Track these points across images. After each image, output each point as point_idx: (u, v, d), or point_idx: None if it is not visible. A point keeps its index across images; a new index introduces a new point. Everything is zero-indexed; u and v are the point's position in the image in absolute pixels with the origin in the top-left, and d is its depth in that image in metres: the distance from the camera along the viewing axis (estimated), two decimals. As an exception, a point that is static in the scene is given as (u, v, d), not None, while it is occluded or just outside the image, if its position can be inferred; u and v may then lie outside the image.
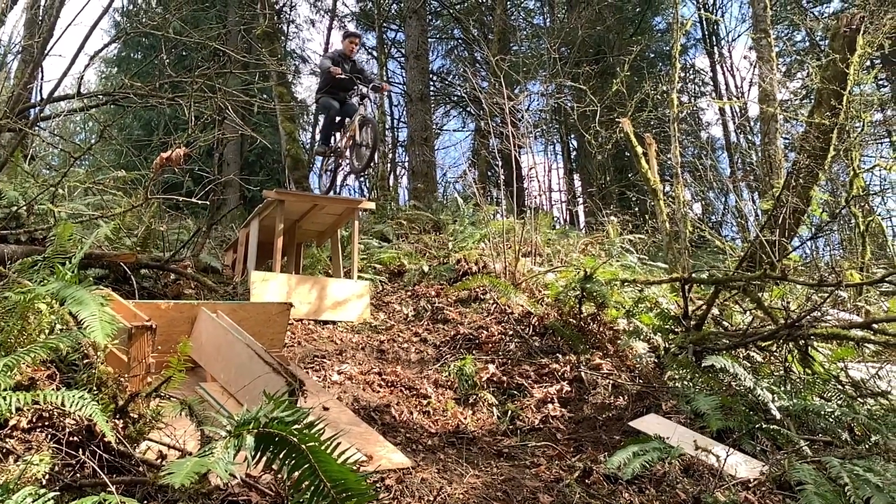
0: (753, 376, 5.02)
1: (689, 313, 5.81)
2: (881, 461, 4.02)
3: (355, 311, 7.05)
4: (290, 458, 1.89)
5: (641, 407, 4.99)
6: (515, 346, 6.16)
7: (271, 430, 1.83)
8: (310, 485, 1.91)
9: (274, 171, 20.82)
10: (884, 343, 4.95)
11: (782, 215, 7.44)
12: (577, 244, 10.08)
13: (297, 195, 7.90)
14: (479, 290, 7.39)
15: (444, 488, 3.55)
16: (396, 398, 5.06)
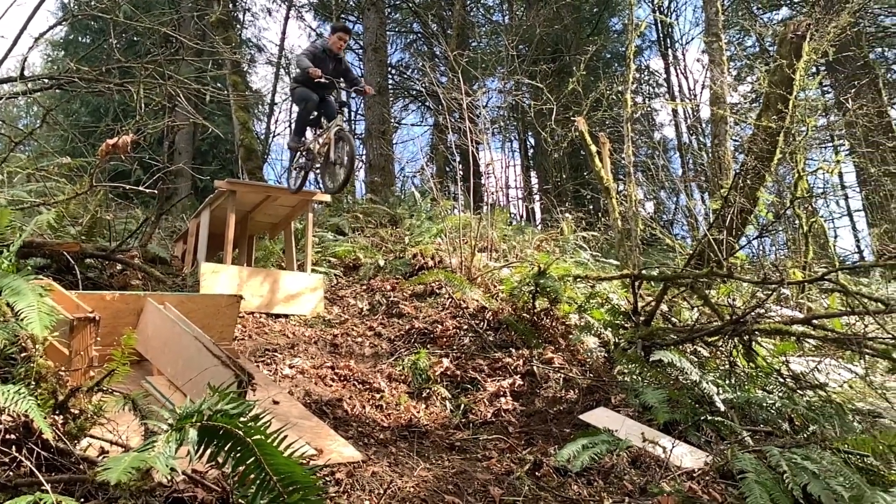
0: (700, 370, 5.16)
1: (639, 309, 5.92)
2: (818, 449, 4.17)
3: (308, 305, 6.97)
4: (235, 451, 1.85)
5: (591, 400, 5.07)
6: (470, 340, 6.19)
7: (215, 423, 1.79)
8: (255, 478, 1.88)
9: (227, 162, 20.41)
10: (822, 338, 5.13)
11: (730, 215, 7.64)
12: (533, 240, 10.17)
13: (249, 185, 7.76)
14: (435, 284, 7.39)
15: (395, 482, 3.54)
16: (349, 392, 5.02)
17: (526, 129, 21.54)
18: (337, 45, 7.21)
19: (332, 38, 7.23)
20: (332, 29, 7.42)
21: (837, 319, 6.01)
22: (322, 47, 7.19)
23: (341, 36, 7.25)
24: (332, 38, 7.24)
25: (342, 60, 7.39)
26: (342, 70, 7.42)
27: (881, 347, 4.83)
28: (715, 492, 3.90)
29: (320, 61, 7.06)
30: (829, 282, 5.13)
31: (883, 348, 4.83)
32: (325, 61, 7.14)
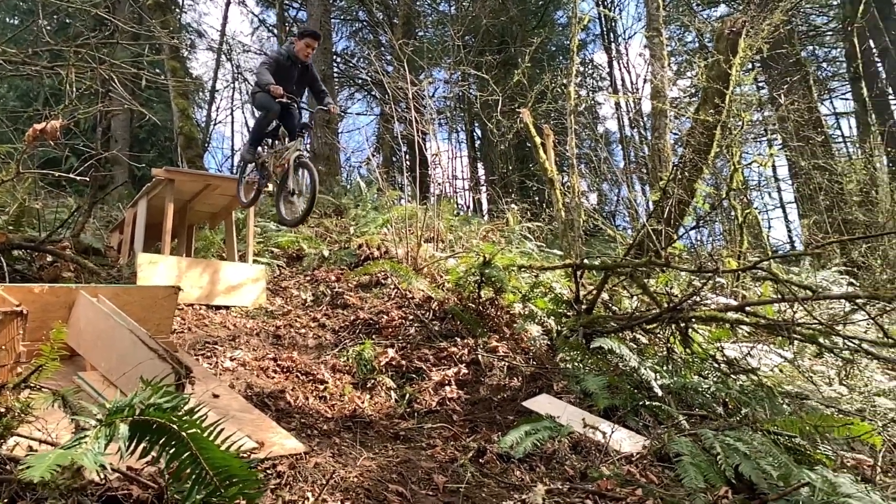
0: (638, 357, 5.30)
1: (581, 298, 6.03)
2: (749, 432, 4.35)
3: (250, 296, 6.84)
4: (170, 446, 1.81)
5: (535, 387, 5.15)
6: (415, 330, 6.19)
7: (148, 417, 1.74)
8: (191, 473, 1.84)
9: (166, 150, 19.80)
10: (755, 324, 5.33)
11: (668, 206, 7.86)
12: (479, 231, 10.23)
13: (188, 174, 7.56)
14: (381, 274, 7.36)
15: (338, 472, 3.52)
16: (292, 384, 4.96)
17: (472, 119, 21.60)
18: (304, 52, 6.30)
19: (299, 45, 6.32)
20: (300, 34, 6.45)
21: (769, 306, 6.25)
22: (287, 54, 6.36)
23: (309, 43, 6.32)
24: (298, 43, 6.33)
25: (309, 68, 6.52)
26: (308, 79, 6.58)
27: (809, 333, 5.05)
28: (652, 474, 4.02)
29: (284, 70, 6.31)
30: (762, 270, 5.33)
31: (810, 333, 5.05)
32: (290, 69, 6.36)
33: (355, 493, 3.37)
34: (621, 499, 3.56)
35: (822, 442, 4.62)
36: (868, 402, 5.43)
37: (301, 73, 6.45)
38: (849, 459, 4.57)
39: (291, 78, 6.36)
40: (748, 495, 3.84)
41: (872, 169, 11.94)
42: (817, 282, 8.39)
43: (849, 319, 5.73)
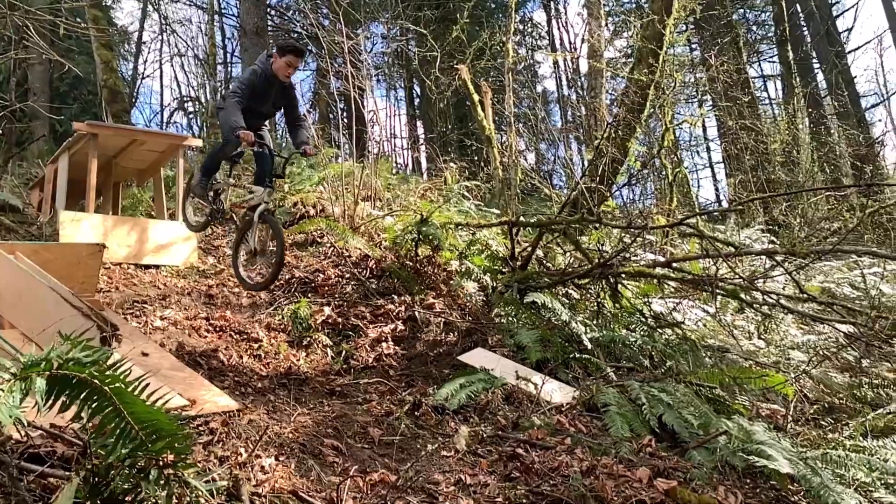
0: (570, 311, 5.45)
1: (516, 255, 6.12)
2: (673, 383, 4.56)
3: (181, 255, 6.66)
4: (91, 400, 1.76)
5: (470, 342, 5.24)
6: (352, 288, 6.17)
7: (66, 371, 1.69)
8: (115, 428, 1.80)
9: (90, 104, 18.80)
10: (680, 279, 5.55)
11: (602, 165, 8.01)
12: (417, 189, 10.19)
13: (111, 128, 7.23)
14: (316, 233, 7.28)
15: (273, 428, 3.52)
16: (225, 343, 4.90)
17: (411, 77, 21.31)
18: (285, 71, 5.21)
19: (279, 62, 5.17)
20: (280, 49, 5.23)
21: (696, 263, 6.50)
22: (263, 72, 5.20)
23: (291, 61, 5.19)
24: (278, 60, 5.17)
25: (288, 89, 5.44)
26: (285, 101, 5.51)
27: (730, 288, 5.29)
28: (581, 424, 4.18)
29: (261, 92, 5.24)
30: (688, 226, 5.53)
31: (732, 289, 5.29)
32: (267, 90, 5.28)
33: (290, 448, 3.38)
34: (551, 447, 3.69)
35: (740, 393, 4.90)
36: (783, 355, 5.76)
37: (278, 94, 5.39)
38: (764, 409, 4.86)
39: (267, 99, 5.32)
40: (670, 443, 4.05)
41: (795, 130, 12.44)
42: (741, 239, 8.75)
43: (768, 276, 6.02)
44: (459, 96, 15.30)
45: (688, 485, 3.41)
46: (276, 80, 5.24)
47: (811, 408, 4.99)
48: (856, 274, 8.08)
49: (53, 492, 2.14)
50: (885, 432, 4.42)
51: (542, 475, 3.37)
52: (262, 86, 5.21)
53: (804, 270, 8.16)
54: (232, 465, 2.92)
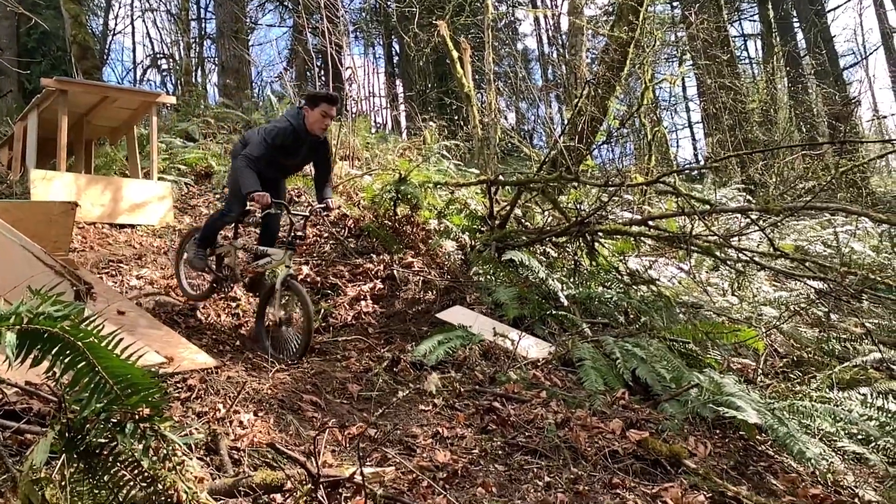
0: (548, 269, 5.50)
1: (495, 213, 6.13)
2: (647, 338, 4.64)
3: (156, 215, 6.58)
4: (64, 355, 1.76)
5: (448, 300, 5.27)
6: (330, 247, 6.16)
7: (37, 325, 1.68)
8: (88, 382, 1.80)
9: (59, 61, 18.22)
10: (656, 237, 5.60)
11: (581, 124, 7.99)
12: (396, 148, 10.11)
13: (81, 85, 7.03)
14: (294, 192, 7.21)
15: (251, 384, 3.55)
16: (203, 302, 4.88)
17: (390, 33, 20.94)
18: (320, 124, 4.41)
19: (314, 114, 4.37)
20: (310, 100, 4.43)
21: (672, 221, 6.57)
22: (295, 130, 4.39)
23: (326, 111, 4.38)
24: (312, 113, 4.38)
25: (324, 145, 4.69)
26: (318, 158, 4.74)
27: (705, 245, 5.36)
28: (556, 378, 4.26)
29: (290, 148, 4.46)
30: (664, 184, 5.56)
31: (706, 246, 5.35)
32: (298, 148, 4.49)
33: (269, 404, 3.42)
34: (527, 401, 3.76)
35: (712, 348, 5.00)
36: (755, 311, 5.87)
37: (311, 149, 4.57)
38: (735, 363, 4.98)
39: (297, 154, 4.55)
40: (643, 396, 4.14)
41: (773, 89, 12.47)
42: (717, 198, 8.84)
43: (743, 234, 6.10)
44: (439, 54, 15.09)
45: (659, 435, 3.50)
46: (308, 136, 4.43)
47: (781, 361, 5.12)
48: (829, 232, 8.22)
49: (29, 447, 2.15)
50: (851, 384, 4.57)
51: (517, 427, 3.44)
52: (292, 142, 4.42)
53: (778, 229, 8.29)
54: (210, 420, 2.95)
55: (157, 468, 1.91)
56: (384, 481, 2.56)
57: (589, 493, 2.98)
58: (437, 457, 3.13)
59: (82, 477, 1.88)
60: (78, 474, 1.88)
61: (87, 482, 1.88)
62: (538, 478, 3.07)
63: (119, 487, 1.88)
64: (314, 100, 4.40)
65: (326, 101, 4.39)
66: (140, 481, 1.90)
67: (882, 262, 7.24)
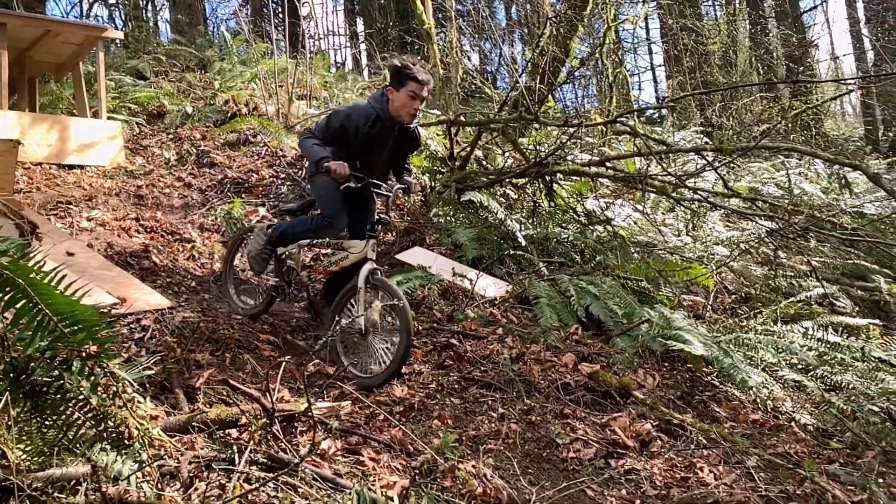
0: (507, 210, 5.53)
1: (455, 154, 6.09)
2: (601, 276, 4.74)
3: (107, 155, 6.38)
4: (4, 291, 1.72)
5: (408, 241, 5.28)
6: (287, 188, 6.08)
7: (-28, 262, 1.63)
8: (31, 320, 1.77)
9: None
10: (612, 177, 5.65)
11: (543, 64, 7.90)
12: (356, 88, 9.90)
13: (21, 17, 6.66)
14: (250, 132, 7.04)
15: (208, 325, 3.54)
16: (157, 243, 4.80)
17: (349, -31, 20.21)
18: (409, 109, 3.56)
19: (400, 97, 3.52)
20: (398, 77, 3.53)
21: (630, 162, 6.62)
22: (379, 117, 3.56)
23: (415, 91, 3.52)
24: (398, 96, 3.53)
25: (414, 133, 3.81)
26: (407, 150, 3.94)
27: (660, 185, 5.43)
28: (513, 315, 4.34)
29: (375, 140, 3.62)
30: (622, 124, 5.58)
31: (661, 185, 5.43)
32: (383, 140, 3.66)
33: (225, 344, 3.42)
34: (483, 337, 3.84)
35: (664, 285, 5.13)
36: (707, 250, 6.01)
37: (401, 141, 3.75)
38: (686, 300, 5.12)
39: (382, 149, 3.70)
40: (596, 331, 4.26)
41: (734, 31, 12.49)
42: (676, 140, 8.92)
43: (698, 174, 6.19)
44: (400, -10, 14.67)
45: (610, 368, 3.62)
46: (395, 125, 3.61)
47: (730, 298, 5.29)
48: (782, 174, 8.40)
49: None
50: (795, 319, 4.76)
51: (473, 362, 3.52)
52: (373, 132, 3.57)
53: (734, 171, 8.44)
54: (165, 359, 2.94)
55: (107, 406, 1.91)
56: (340, 415, 2.61)
57: (541, 423, 3.08)
58: (395, 392, 3.19)
59: (29, 416, 1.86)
60: (25, 414, 1.86)
61: (34, 422, 1.86)
62: (493, 409, 3.17)
63: (68, 426, 1.87)
64: (400, 78, 3.50)
65: (416, 79, 3.49)
66: (90, 419, 1.90)
67: (830, 202, 7.45)
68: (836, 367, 3.86)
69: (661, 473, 2.84)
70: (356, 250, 3.62)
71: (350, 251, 3.65)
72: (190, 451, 2.10)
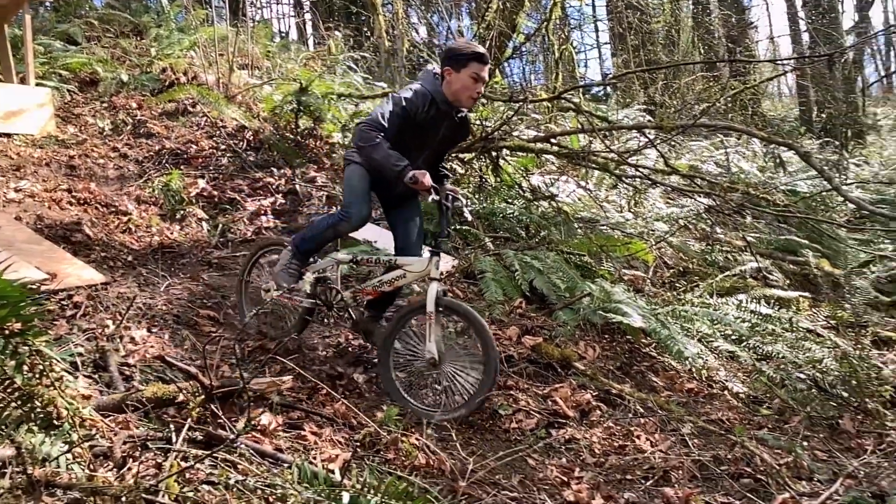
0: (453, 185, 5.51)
1: (401, 128, 6.03)
2: (545, 251, 4.80)
3: (36, 123, 6.07)
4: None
5: (353, 216, 5.21)
6: (228, 160, 5.92)
7: None
8: (-53, 295, 1.69)
9: None
10: (557, 153, 5.70)
11: (490, 39, 7.87)
12: (299, 58, 9.67)
13: (-63, -25, 6.23)
14: (188, 102, 6.80)
15: (144, 300, 3.44)
16: (91, 216, 4.61)
17: (293, -66, 19.60)
18: (471, 93, 3.12)
19: (461, 80, 3.09)
20: (457, 57, 3.10)
21: (574, 138, 6.69)
22: (434, 100, 3.12)
23: (477, 72, 3.08)
24: (458, 77, 3.09)
25: (465, 121, 3.38)
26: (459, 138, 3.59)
27: (602, 161, 5.51)
28: (459, 290, 4.36)
29: (424, 127, 3.16)
30: (567, 101, 5.61)
31: (604, 162, 5.51)
32: (435, 126, 3.20)
33: (163, 320, 3.33)
34: (428, 311, 3.84)
35: (606, 260, 5.24)
36: (648, 225, 6.15)
37: (453, 129, 3.30)
38: (627, 275, 5.24)
39: (433, 136, 3.24)
40: (539, 305, 4.33)
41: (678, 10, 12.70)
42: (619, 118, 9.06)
43: (639, 152, 6.30)
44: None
45: (552, 341, 3.69)
46: (451, 110, 3.19)
47: (669, 272, 5.44)
48: (721, 153, 8.64)
49: None
50: (730, 292, 4.92)
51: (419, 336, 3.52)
52: (428, 118, 3.13)
53: (675, 149, 8.63)
54: (98, 337, 2.85)
55: (34, 385, 1.84)
56: (282, 390, 2.58)
57: (484, 396, 3.12)
58: (338, 367, 3.17)
59: (-50, 395, 1.79)
60: (-55, 393, 1.78)
61: (-45, 401, 1.79)
62: (437, 382, 3.18)
63: (-8, 406, 1.80)
64: (459, 58, 3.08)
65: (477, 58, 3.08)
66: (15, 399, 1.83)
67: (765, 180, 7.71)
68: (767, 338, 4.02)
69: (600, 442, 2.92)
70: (416, 268, 3.16)
71: (408, 269, 3.18)
72: (125, 430, 2.05)
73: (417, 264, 3.17)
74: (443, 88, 3.12)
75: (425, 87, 3.14)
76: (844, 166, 9.44)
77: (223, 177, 5.56)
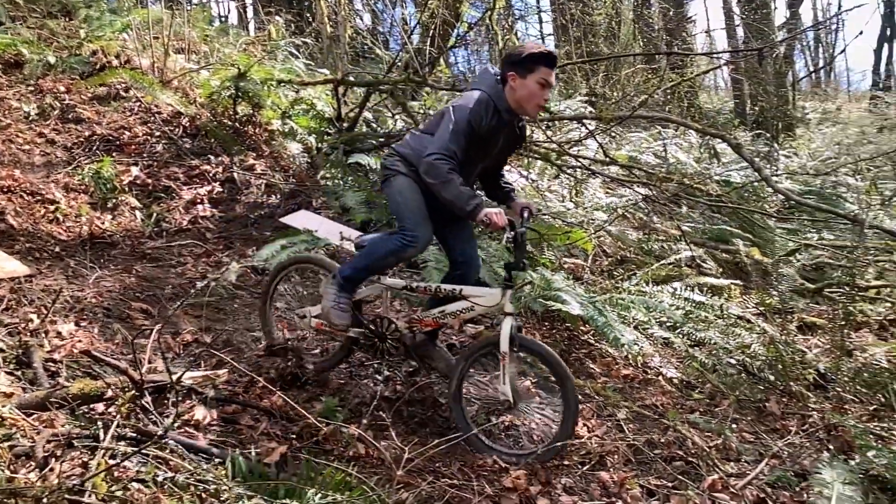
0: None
1: (343, 116, 5.97)
2: (487, 240, 4.83)
3: (-47, 107, 5.75)
4: None
5: (294, 204, 5.15)
6: (163, 147, 5.72)
7: None
8: None
9: None
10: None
11: (434, 28, 7.84)
12: (239, 43, 9.41)
13: None
14: (121, 86, 6.55)
15: (72, 293, 3.31)
16: (14, 205, 4.40)
17: (232, -85, 19.03)
18: (538, 100, 2.84)
19: (527, 85, 2.79)
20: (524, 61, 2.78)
21: (517, 128, 6.72)
22: (496, 108, 2.82)
23: (545, 78, 2.79)
24: (525, 81, 2.79)
25: (524, 130, 3.19)
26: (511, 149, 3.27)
27: (544, 151, 5.57)
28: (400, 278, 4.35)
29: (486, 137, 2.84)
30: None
31: (545, 152, 5.58)
32: (495, 136, 2.90)
33: (93, 313, 3.23)
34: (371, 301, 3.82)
35: (547, 249, 5.30)
36: (588, 215, 6.25)
37: (508, 141, 3.05)
38: (567, 263, 5.32)
39: (493, 146, 2.95)
40: (482, 293, 4.35)
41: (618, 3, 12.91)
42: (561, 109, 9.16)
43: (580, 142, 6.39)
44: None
45: (492, 329, 3.72)
46: (514, 118, 2.92)
47: (607, 260, 5.55)
48: (659, 144, 8.85)
49: None
50: (666, 280, 5.06)
51: (358, 327, 3.50)
52: (490, 129, 2.83)
53: (615, 140, 8.80)
54: (22, 332, 2.73)
55: (-52, 382, 1.75)
56: (217, 384, 2.53)
57: (426, 385, 3.14)
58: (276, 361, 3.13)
59: None
60: None
61: None
62: (378, 373, 3.18)
63: None
64: (526, 62, 2.77)
65: (547, 61, 2.79)
66: (-73, 396, 1.74)
67: (701, 170, 7.94)
68: (700, 325, 4.15)
69: (539, 428, 2.97)
70: (487, 303, 2.92)
71: (477, 302, 2.92)
72: (48, 428, 1.97)
73: (489, 298, 2.92)
74: (505, 94, 2.83)
75: (487, 93, 2.81)
76: (775, 158, 9.80)
77: (158, 164, 5.38)
